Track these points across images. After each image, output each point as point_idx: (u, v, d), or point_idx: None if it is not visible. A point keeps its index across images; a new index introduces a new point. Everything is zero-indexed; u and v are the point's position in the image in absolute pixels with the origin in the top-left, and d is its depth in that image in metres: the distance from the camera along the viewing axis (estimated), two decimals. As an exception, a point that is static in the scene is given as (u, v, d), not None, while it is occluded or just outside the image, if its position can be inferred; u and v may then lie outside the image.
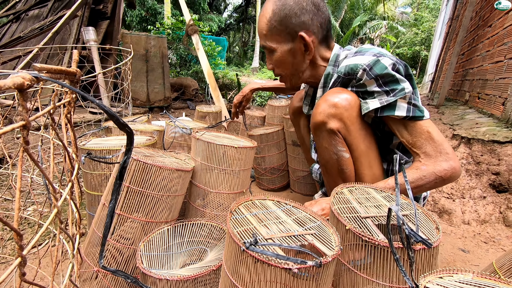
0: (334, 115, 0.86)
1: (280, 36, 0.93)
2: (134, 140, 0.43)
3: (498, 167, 1.49)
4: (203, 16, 14.51)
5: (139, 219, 0.80)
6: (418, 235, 0.42)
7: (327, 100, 0.87)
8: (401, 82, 0.81)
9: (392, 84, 0.82)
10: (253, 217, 0.62)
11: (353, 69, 0.86)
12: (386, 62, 0.82)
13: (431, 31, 16.37)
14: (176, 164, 0.91)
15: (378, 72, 0.82)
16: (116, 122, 0.36)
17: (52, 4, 3.80)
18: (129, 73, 1.97)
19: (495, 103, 2.01)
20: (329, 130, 0.87)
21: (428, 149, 0.80)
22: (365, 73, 0.84)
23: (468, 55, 3.46)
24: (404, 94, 0.80)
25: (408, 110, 0.81)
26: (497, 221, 1.41)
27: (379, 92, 0.83)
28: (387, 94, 0.82)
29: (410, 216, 0.61)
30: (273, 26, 0.93)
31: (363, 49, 0.91)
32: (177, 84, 5.11)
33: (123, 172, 0.42)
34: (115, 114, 0.35)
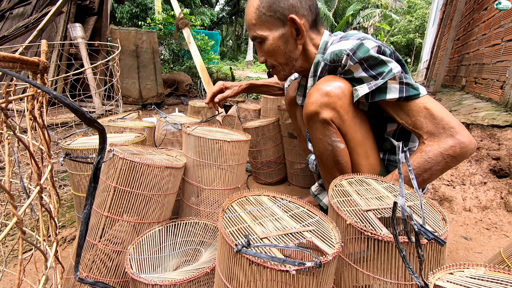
0: (327, 104, 0.81)
1: (269, 22, 0.89)
2: (107, 137, 0.38)
3: (498, 152, 1.46)
4: (194, 10, 14.26)
5: (129, 220, 0.76)
6: (429, 232, 0.38)
7: (319, 89, 0.83)
8: (387, 63, 0.77)
9: (378, 67, 0.77)
10: (247, 214, 0.58)
11: (338, 55, 0.83)
12: (369, 45, 0.78)
13: (425, 18, 16.27)
14: (167, 161, 0.86)
15: (361, 55, 0.78)
16: (82, 117, 0.32)
17: (36, 1, 3.69)
18: (117, 68, 1.90)
19: (493, 87, 1.98)
20: (322, 120, 0.83)
21: (429, 127, 0.75)
22: (349, 58, 0.80)
23: (463, 40, 3.42)
24: (393, 75, 0.76)
25: (400, 90, 0.76)
26: (499, 207, 1.39)
27: (365, 77, 0.79)
28: (375, 78, 0.77)
29: (415, 207, 0.57)
30: (261, 13, 0.89)
31: (348, 34, 0.89)
32: (170, 79, 5.02)
33: (97, 173, 0.38)
34: (79, 108, 0.31)
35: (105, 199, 0.75)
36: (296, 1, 0.87)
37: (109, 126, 1.23)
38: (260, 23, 0.90)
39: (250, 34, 0.95)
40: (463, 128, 0.73)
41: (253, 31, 0.93)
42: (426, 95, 0.77)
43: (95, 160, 0.38)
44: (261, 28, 0.91)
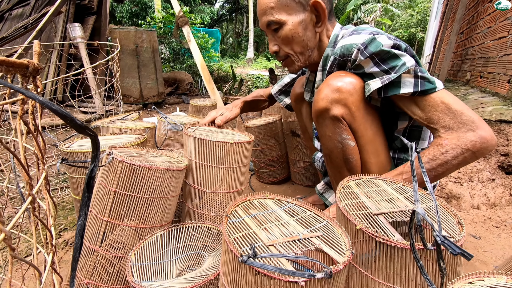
0: (338, 100, 0.78)
1: (289, 6, 0.85)
2: (100, 145, 0.36)
3: (506, 147, 1.43)
4: (194, 8, 14.21)
5: (130, 225, 0.74)
6: (456, 246, 0.36)
7: (330, 85, 0.79)
8: (400, 56, 0.73)
9: (390, 61, 0.74)
10: (251, 219, 0.55)
11: (348, 49, 0.79)
12: (382, 39, 0.75)
13: (427, 12, 16.10)
14: (168, 163, 0.84)
15: (373, 50, 0.75)
16: (72, 124, 0.29)
17: (35, 2, 3.66)
18: (117, 68, 1.88)
19: (499, 81, 1.94)
20: (333, 117, 0.80)
21: (447, 121, 0.70)
22: (359, 52, 0.77)
23: (467, 33, 3.36)
24: (407, 68, 0.72)
25: (415, 84, 0.72)
26: (508, 204, 1.36)
27: (377, 72, 0.75)
28: (387, 72, 0.74)
29: (428, 210, 0.54)
30: None
31: (359, 28, 0.84)
32: (171, 78, 5.00)
33: (91, 182, 0.36)
34: (69, 114, 0.29)
35: (105, 204, 0.73)
36: None
37: (109, 127, 1.20)
38: (280, 6, 0.85)
39: (265, 19, 0.88)
40: (484, 123, 0.69)
41: (269, 15, 0.87)
42: (443, 89, 0.73)
43: (89, 169, 0.35)
44: (280, 12, 0.86)
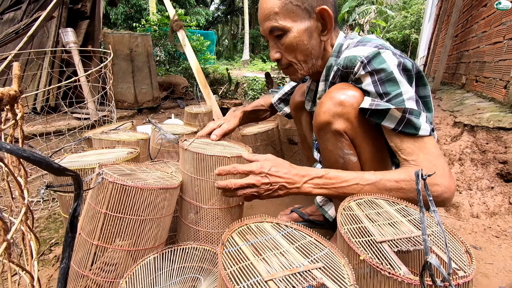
0: (341, 114, 0.76)
1: (295, 13, 0.81)
2: (83, 183, 0.33)
3: (505, 155, 1.42)
4: (189, 10, 14.19)
5: (121, 248, 0.71)
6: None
7: (332, 98, 0.77)
8: (400, 84, 0.70)
9: (388, 85, 0.71)
10: (249, 247, 0.52)
11: (352, 61, 0.76)
12: (387, 56, 0.71)
13: (420, 14, 16.27)
14: (161, 180, 0.81)
15: (375, 66, 0.71)
16: (49, 169, 0.26)
17: (26, 6, 3.61)
18: (110, 75, 1.84)
19: (495, 86, 1.94)
20: (335, 131, 0.78)
21: (421, 158, 0.68)
22: (362, 65, 0.73)
23: (462, 37, 3.37)
24: (400, 103, 0.69)
25: (398, 123, 0.70)
26: (507, 213, 1.35)
27: (372, 92, 0.72)
28: (380, 96, 0.71)
29: (433, 235, 0.52)
30: (288, 2, 0.79)
31: (365, 38, 0.81)
32: (166, 82, 4.96)
33: (75, 222, 0.33)
34: (44, 159, 0.26)
35: (95, 226, 0.69)
36: None
37: (101, 140, 1.17)
38: (285, 12, 0.81)
39: (268, 25, 0.84)
40: (452, 177, 0.68)
41: (273, 21, 0.82)
42: (428, 137, 0.70)
43: (72, 208, 0.32)
44: (285, 19, 0.81)
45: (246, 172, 0.74)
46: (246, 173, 0.75)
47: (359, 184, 0.71)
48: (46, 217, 1.51)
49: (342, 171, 0.74)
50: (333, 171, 0.74)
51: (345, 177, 0.72)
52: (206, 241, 0.90)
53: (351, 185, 0.71)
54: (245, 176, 0.76)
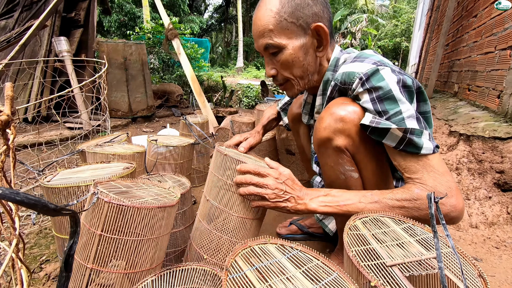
0: (342, 130, 0.75)
1: (290, 30, 0.80)
2: (79, 221, 0.31)
3: (501, 165, 1.43)
4: (183, 18, 14.26)
5: (117, 271, 0.68)
6: None
7: (333, 114, 0.75)
8: (400, 103, 0.69)
9: (387, 103, 0.69)
10: (254, 273, 0.50)
11: (350, 77, 0.75)
12: (386, 73, 0.71)
13: (410, 23, 16.66)
14: (159, 197, 0.78)
15: (374, 83, 0.71)
16: (45, 211, 0.24)
17: (19, 15, 3.56)
18: (104, 86, 1.81)
19: (489, 95, 1.97)
20: (336, 148, 0.76)
21: (426, 176, 0.67)
22: (360, 82, 0.73)
23: (453, 46, 3.44)
24: (400, 121, 0.68)
25: (400, 142, 0.69)
26: (506, 223, 1.35)
27: (370, 109, 0.72)
28: (379, 114, 0.70)
29: (444, 258, 0.50)
30: (283, 19, 0.78)
31: (363, 54, 0.81)
32: (160, 91, 4.93)
33: (70, 260, 0.30)
34: (39, 201, 0.23)
35: (90, 249, 0.66)
36: (320, 10, 0.80)
37: (95, 153, 1.14)
38: (279, 29, 0.79)
39: (263, 42, 0.82)
40: (459, 193, 0.67)
41: (268, 38, 0.81)
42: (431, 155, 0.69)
43: (67, 246, 0.30)
44: (280, 36, 0.80)
45: (266, 174, 0.76)
46: (265, 175, 0.76)
47: (362, 202, 0.71)
48: (37, 233, 1.45)
49: (346, 190, 0.76)
50: (335, 191, 0.76)
51: (348, 196, 0.73)
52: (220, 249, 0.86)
53: (355, 203, 0.71)
54: None
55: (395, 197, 0.69)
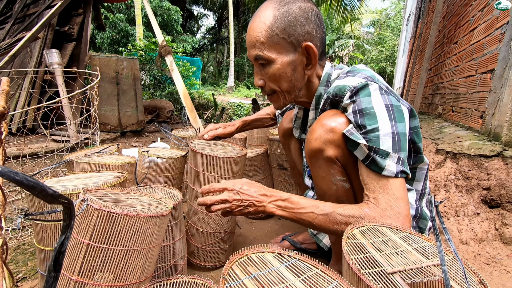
0: (332, 141, 0.76)
1: (280, 45, 0.82)
2: (73, 213, 0.29)
3: (488, 181, 1.47)
4: (176, 37, 14.52)
5: (104, 284, 0.64)
6: None
7: (324, 125, 0.77)
8: (379, 119, 0.71)
9: (367, 118, 0.72)
10: (251, 281, 0.48)
11: (341, 90, 0.78)
12: (373, 89, 0.74)
13: (395, 49, 17.51)
14: (150, 207, 0.76)
15: (360, 97, 0.74)
16: (42, 195, 0.23)
17: (10, 27, 3.55)
18: (96, 97, 1.79)
19: (472, 116, 2.05)
20: (327, 158, 0.77)
21: (380, 197, 0.69)
22: (350, 95, 0.76)
23: (436, 70, 3.62)
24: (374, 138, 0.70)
25: (365, 158, 0.72)
26: (494, 239, 1.36)
27: (351, 120, 0.75)
28: (359, 128, 0.73)
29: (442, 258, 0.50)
30: (274, 33, 0.80)
31: (355, 69, 0.84)
32: (151, 106, 4.91)
33: (60, 258, 0.28)
34: (38, 184, 0.22)
35: (75, 259, 0.62)
36: (312, 29, 0.82)
37: (84, 163, 1.10)
38: (270, 43, 0.82)
39: (253, 52, 0.85)
40: (408, 223, 0.68)
41: (258, 49, 0.83)
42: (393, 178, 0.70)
43: (58, 242, 0.28)
44: (270, 49, 0.82)
45: (221, 190, 0.82)
46: (221, 190, 0.82)
47: (314, 213, 0.74)
48: (14, 248, 1.37)
49: (305, 198, 0.79)
50: (296, 197, 0.78)
51: (304, 204, 0.76)
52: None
53: (307, 213, 0.75)
54: None
55: (344, 212, 0.71)
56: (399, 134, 0.72)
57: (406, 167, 0.71)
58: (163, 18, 13.26)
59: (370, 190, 0.72)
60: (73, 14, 3.72)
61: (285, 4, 0.81)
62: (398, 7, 22.89)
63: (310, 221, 0.74)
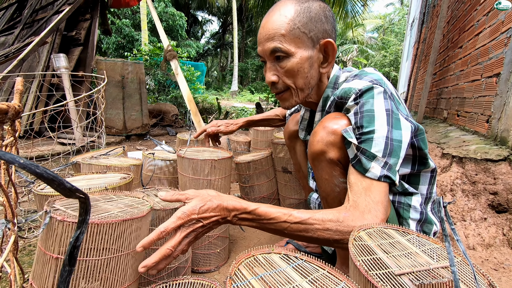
0: (334, 143, 0.76)
1: (301, 39, 0.81)
2: (89, 208, 0.30)
3: (495, 186, 1.45)
4: (181, 42, 14.68)
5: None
6: None
7: (326, 127, 0.77)
8: (376, 122, 0.71)
9: (366, 120, 0.72)
10: (258, 282, 0.48)
11: (347, 93, 0.78)
12: (377, 92, 0.75)
13: (398, 54, 17.50)
14: (128, 208, 0.72)
15: (364, 99, 0.74)
16: (60, 189, 0.24)
17: (19, 31, 3.61)
18: (102, 101, 1.81)
19: (478, 120, 2.04)
20: (329, 160, 0.77)
21: (361, 199, 0.68)
22: (354, 97, 0.76)
23: (440, 75, 3.61)
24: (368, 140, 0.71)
25: (353, 157, 0.72)
26: (502, 244, 1.34)
27: (353, 122, 0.75)
28: (356, 128, 0.73)
29: (449, 268, 0.50)
30: (296, 27, 0.80)
31: (363, 72, 0.84)
32: (156, 110, 4.95)
33: (75, 253, 0.29)
34: (56, 177, 0.23)
35: (47, 276, 0.60)
36: (330, 28, 0.83)
37: (90, 165, 1.11)
38: (291, 36, 0.80)
39: (271, 45, 0.82)
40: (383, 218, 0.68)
41: (277, 41, 0.81)
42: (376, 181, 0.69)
43: (73, 236, 0.28)
44: (290, 42, 0.81)
45: (177, 227, 0.64)
46: (177, 227, 0.65)
47: (287, 222, 0.68)
48: (20, 249, 1.38)
49: (274, 206, 0.71)
50: (263, 206, 0.70)
51: (273, 214, 0.69)
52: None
53: (279, 222, 0.68)
54: None
55: (320, 217, 0.67)
56: (393, 140, 0.72)
57: (392, 174, 0.70)
58: (168, 24, 13.42)
59: (353, 191, 0.71)
60: (80, 19, 3.78)
61: (305, 1, 0.82)
62: (401, 12, 22.94)
63: (282, 230, 0.69)
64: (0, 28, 3.90)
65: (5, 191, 0.31)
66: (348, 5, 8.19)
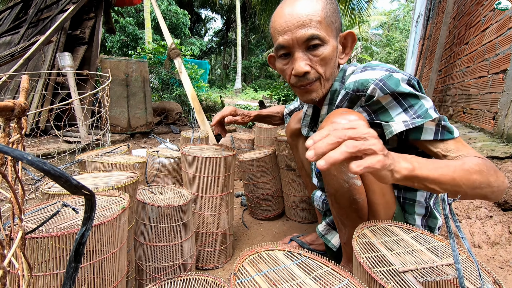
0: None
1: (331, 28, 0.81)
2: (95, 205, 0.30)
3: (501, 184, 1.44)
4: (184, 40, 14.68)
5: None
6: None
7: (334, 123, 0.77)
8: (420, 98, 0.73)
9: (411, 99, 0.73)
10: (262, 278, 0.48)
11: (363, 84, 0.77)
12: (399, 76, 0.74)
13: (403, 50, 17.34)
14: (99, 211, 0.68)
15: (393, 87, 0.73)
16: (67, 185, 0.24)
17: (25, 31, 3.65)
18: (107, 99, 1.82)
19: (484, 117, 2.01)
20: None
21: (472, 153, 0.70)
22: (377, 88, 0.75)
23: (446, 71, 3.56)
24: (426, 113, 0.71)
25: (436, 133, 0.72)
26: (508, 242, 1.33)
27: (398, 110, 0.74)
28: (406, 111, 0.73)
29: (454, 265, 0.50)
30: (328, 15, 0.80)
31: (371, 64, 0.83)
32: (160, 108, 4.97)
33: (81, 250, 0.29)
34: (63, 174, 0.23)
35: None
36: (341, 21, 0.86)
37: (96, 162, 1.12)
38: (326, 23, 0.79)
39: (306, 32, 0.78)
40: None
41: (315, 28, 0.78)
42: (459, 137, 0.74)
43: (79, 233, 0.29)
44: (325, 30, 0.79)
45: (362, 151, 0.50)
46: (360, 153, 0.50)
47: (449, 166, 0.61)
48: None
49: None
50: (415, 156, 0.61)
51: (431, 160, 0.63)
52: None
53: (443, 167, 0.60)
54: None
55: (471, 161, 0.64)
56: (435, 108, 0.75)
57: None
58: (172, 22, 13.43)
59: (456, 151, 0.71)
60: (84, 18, 3.80)
61: None
62: (406, 8, 22.69)
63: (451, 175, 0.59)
64: (6, 27, 3.93)
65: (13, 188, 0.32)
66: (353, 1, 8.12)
